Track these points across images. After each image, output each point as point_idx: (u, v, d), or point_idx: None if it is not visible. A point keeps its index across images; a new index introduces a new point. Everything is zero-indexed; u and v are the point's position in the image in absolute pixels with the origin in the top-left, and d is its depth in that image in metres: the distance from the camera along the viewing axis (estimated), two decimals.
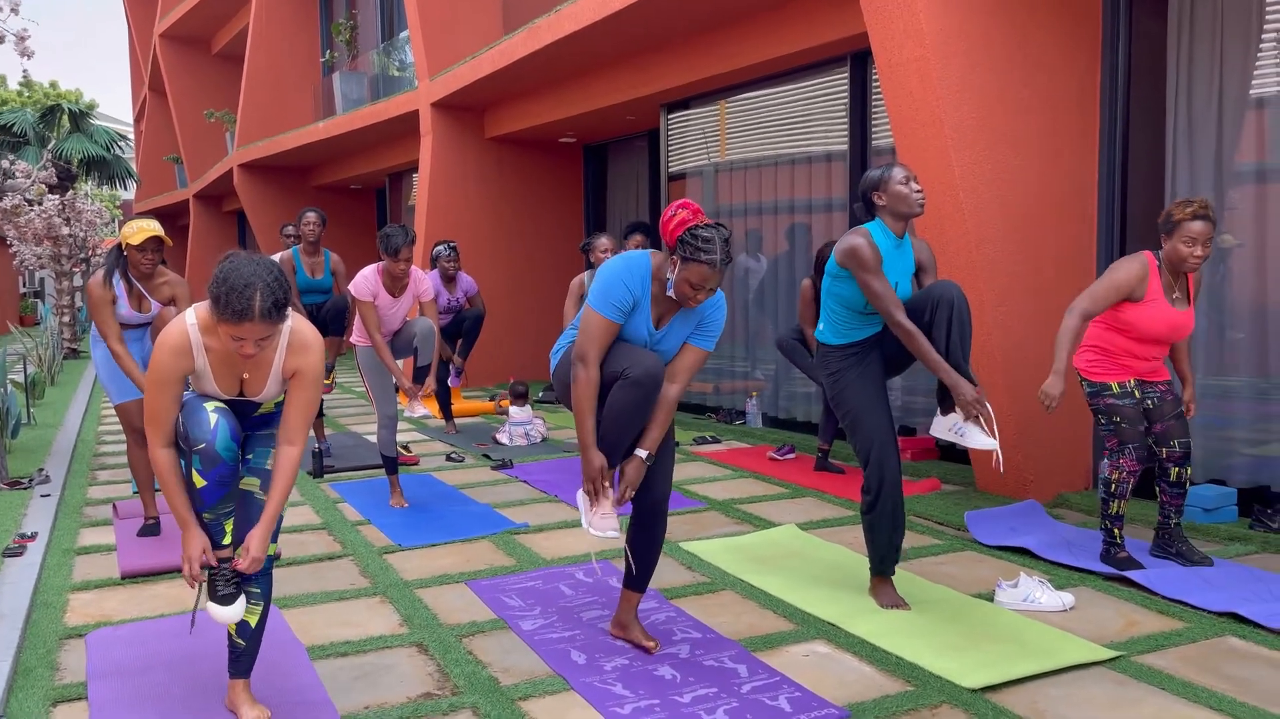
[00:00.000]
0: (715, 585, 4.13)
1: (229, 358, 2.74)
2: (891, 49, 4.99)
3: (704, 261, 3.02)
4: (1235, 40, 4.95)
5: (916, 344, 3.58)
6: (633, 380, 3.10)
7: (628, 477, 3.24)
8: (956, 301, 3.57)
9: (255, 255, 2.64)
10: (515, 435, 7.43)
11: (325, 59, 15.85)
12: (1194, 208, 3.91)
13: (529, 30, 8.38)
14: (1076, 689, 3.08)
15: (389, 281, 5.33)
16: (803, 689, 3.09)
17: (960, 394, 3.55)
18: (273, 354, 2.77)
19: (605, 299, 3.14)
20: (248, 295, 2.52)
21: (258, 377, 2.79)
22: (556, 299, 11.60)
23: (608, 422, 3.18)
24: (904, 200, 3.65)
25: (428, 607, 3.90)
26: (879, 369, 3.82)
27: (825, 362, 3.87)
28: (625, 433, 3.22)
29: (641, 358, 3.12)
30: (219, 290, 2.53)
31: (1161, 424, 4.13)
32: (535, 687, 3.15)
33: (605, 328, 3.15)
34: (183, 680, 3.20)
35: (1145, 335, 4.04)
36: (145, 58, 25.24)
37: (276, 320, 2.59)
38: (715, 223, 3.08)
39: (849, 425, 3.80)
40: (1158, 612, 3.74)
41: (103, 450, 7.56)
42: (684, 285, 3.08)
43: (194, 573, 2.72)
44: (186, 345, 2.69)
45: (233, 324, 2.54)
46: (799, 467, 6.38)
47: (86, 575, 4.36)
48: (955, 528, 4.94)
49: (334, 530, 5.06)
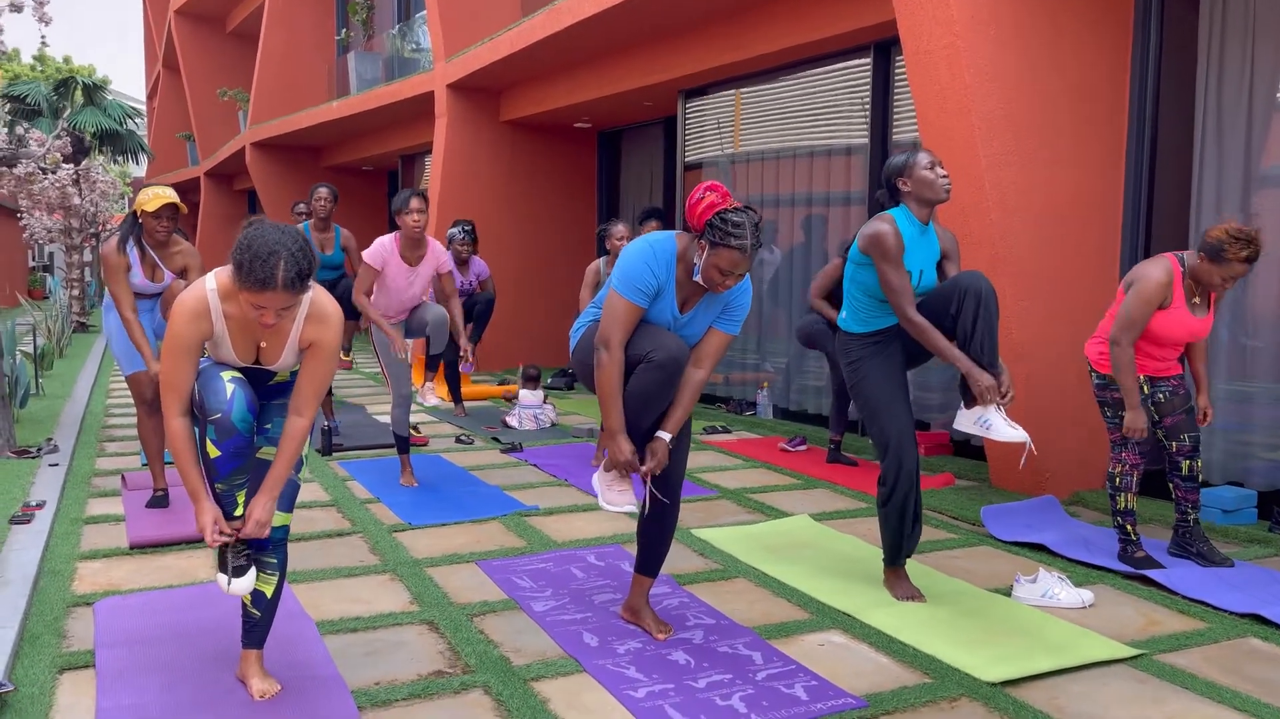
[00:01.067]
0: (728, 572, 4.08)
1: (247, 325, 2.69)
2: (920, 35, 4.92)
3: (734, 247, 2.95)
4: (1267, 33, 4.88)
5: (928, 338, 3.53)
6: (656, 364, 3.05)
7: (657, 456, 3.18)
8: (984, 293, 3.51)
9: (281, 223, 2.59)
10: (525, 419, 7.39)
11: (341, 38, 15.78)
12: (1249, 251, 3.79)
13: (550, 11, 8.31)
14: (1098, 686, 3.03)
15: (405, 249, 5.27)
16: (819, 678, 3.04)
17: (976, 381, 3.49)
18: (291, 323, 2.72)
19: (629, 283, 3.08)
20: (271, 264, 2.47)
21: (275, 345, 2.75)
22: (567, 285, 11.55)
23: (629, 403, 3.13)
24: (930, 186, 3.59)
25: (438, 585, 3.86)
26: (900, 359, 3.76)
27: (846, 349, 3.81)
28: (645, 416, 3.17)
29: (665, 341, 3.07)
30: (243, 257, 2.48)
31: (1171, 418, 4.07)
32: (548, 667, 3.11)
33: (629, 311, 3.09)
34: (192, 651, 3.16)
35: (1162, 339, 3.99)
36: (160, 34, 25.19)
37: (299, 291, 2.54)
38: (745, 206, 3.01)
39: (868, 415, 3.75)
40: (1178, 611, 3.69)
41: (111, 422, 7.53)
42: (712, 270, 3.02)
43: (215, 540, 2.67)
44: (205, 310, 2.64)
45: (255, 292, 2.49)
46: (811, 458, 6.33)
47: (94, 545, 4.33)
48: (970, 523, 4.89)
49: (343, 507, 5.02)
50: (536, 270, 11.49)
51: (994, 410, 3.56)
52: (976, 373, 3.49)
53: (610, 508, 3.23)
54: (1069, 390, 5.20)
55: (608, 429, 3.14)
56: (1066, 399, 5.19)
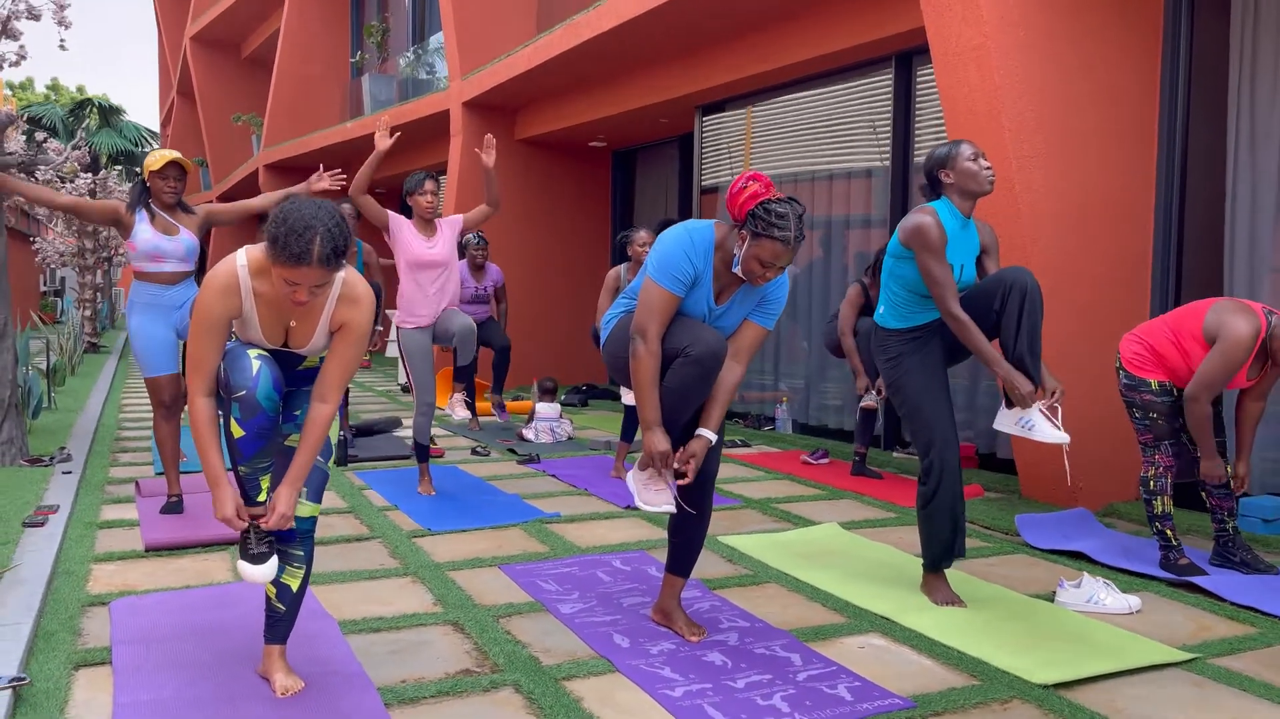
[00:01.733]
0: (758, 578, 3.97)
1: (278, 304, 2.61)
2: (949, 36, 4.87)
3: (777, 238, 2.88)
4: None
5: (970, 335, 3.43)
6: (694, 358, 2.95)
7: (695, 454, 3.08)
8: (1030, 289, 3.42)
9: (318, 199, 2.52)
10: (541, 432, 7.29)
11: (355, 60, 15.86)
12: None
13: (568, 26, 8.31)
14: (1154, 689, 2.91)
15: (420, 227, 5.26)
16: (862, 679, 2.93)
17: (1016, 389, 3.41)
18: (323, 304, 2.64)
19: (666, 270, 2.99)
20: (307, 238, 2.39)
21: (305, 326, 2.66)
22: (582, 302, 11.50)
23: (666, 398, 3.04)
24: (973, 177, 3.51)
25: (461, 588, 3.75)
26: (940, 356, 3.66)
27: (884, 346, 3.72)
28: (683, 412, 3.07)
29: (704, 334, 2.98)
30: (277, 230, 2.41)
31: None
32: (579, 667, 2.99)
33: (666, 300, 3.00)
34: (212, 649, 3.05)
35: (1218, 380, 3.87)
36: (175, 62, 25.41)
37: (334, 268, 2.46)
38: (788, 197, 2.93)
39: (907, 414, 3.65)
40: (1228, 617, 3.56)
41: (124, 435, 7.45)
42: (753, 262, 2.94)
43: (237, 528, 2.58)
44: (235, 286, 2.56)
45: (289, 267, 2.41)
46: (834, 471, 6.22)
47: (109, 548, 4.23)
48: (1003, 532, 4.77)
49: (360, 514, 4.92)
50: (551, 289, 11.44)
51: (1036, 410, 3.47)
52: (1016, 378, 3.40)
53: (647, 508, 3.11)
54: (1099, 398, 5.09)
55: (643, 422, 3.04)
56: (1097, 407, 5.08)
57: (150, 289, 4.68)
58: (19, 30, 5.44)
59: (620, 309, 3.25)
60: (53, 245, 21.61)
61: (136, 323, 4.69)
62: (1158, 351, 4.01)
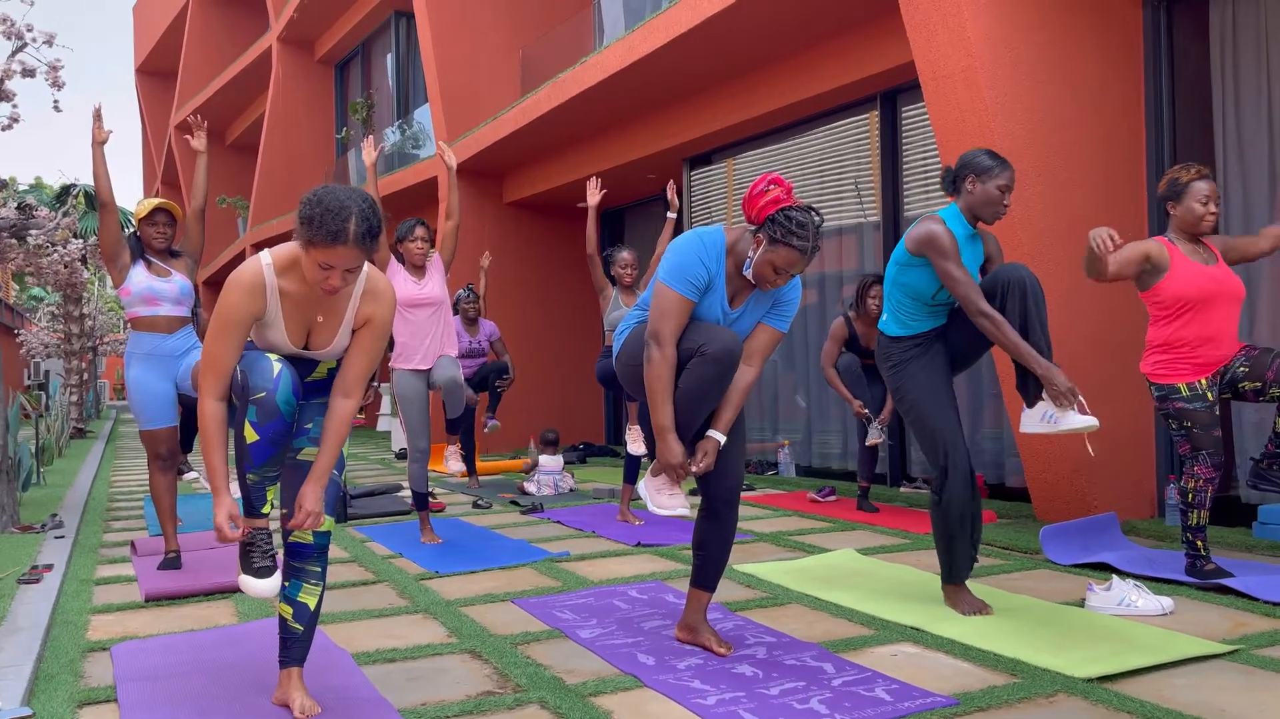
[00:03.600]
0: (780, 599, 3.86)
1: (303, 303, 2.56)
2: (936, 61, 4.95)
3: (795, 247, 2.87)
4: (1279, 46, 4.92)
5: (1003, 332, 3.38)
6: (711, 357, 2.92)
7: (707, 455, 3.02)
8: (1029, 284, 3.40)
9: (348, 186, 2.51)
10: (544, 485, 7.18)
11: (341, 137, 16.04)
12: (1196, 169, 3.94)
13: (554, 85, 8.43)
14: (1202, 679, 2.82)
15: (411, 270, 5.27)
16: (899, 682, 2.82)
17: (1053, 384, 3.35)
18: (347, 300, 2.60)
19: (680, 275, 2.97)
20: (343, 217, 2.37)
21: (330, 324, 2.60)
22: (576, 362, 11.47)
23: (681, 399, 2.99)
24: (991, 204, 3.49)
25: (475, 621, 3.63)
26: (943, 362, 3.63)
27: (887, 354, 3.68)
28: (698, 413, 3.02)
29: (719, 334, 2.94)
30: (313, 211, 2.38)
31: (1273, 369, 3.80)
32: (605, 684, 2.88)
33: (680, 305, 2.97)
34: (223, 683, 2.93)
35: (1191, 299, 3.83)
36: (159, 151, 25.66)
37: (368, 249, 2.44)
38: (808, 206, 2.93)
39: (914, 419, 3.59)
40: (1263, 614, 3.48)
41: (115, 505, 7.30)
42: (766, 267, 2.92)
43: (229, 537, 2.48)
44: (260, 285, 2.50)
45: (325, 247, 2.37)
46: (842, 507, 6.13)
47: (107, 600, 4.09)
48: (1022, 551, 4.68)
49: (364, 563, 4.80)
50: (545, 350, 11.41)
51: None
52: (1056, 375, 3.34)
53: (661, 512, 3.05)
54: (1110, 413, 5.05)
55: (657, 427, 2.99)
56: (1107, 423, 5.02)
57: (149, 340, 4.62)
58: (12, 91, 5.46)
59: (633, 320, 3.22)
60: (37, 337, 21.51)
61: (135, 374, 4.62)
62: (1167, 345, 3.93)
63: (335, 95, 17.05)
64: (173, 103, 23.12)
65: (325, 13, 15.41)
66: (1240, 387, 3.88)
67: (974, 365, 4.33)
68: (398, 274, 5.24)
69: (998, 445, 6.33)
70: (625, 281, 5.81)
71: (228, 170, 22.37)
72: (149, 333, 4.61)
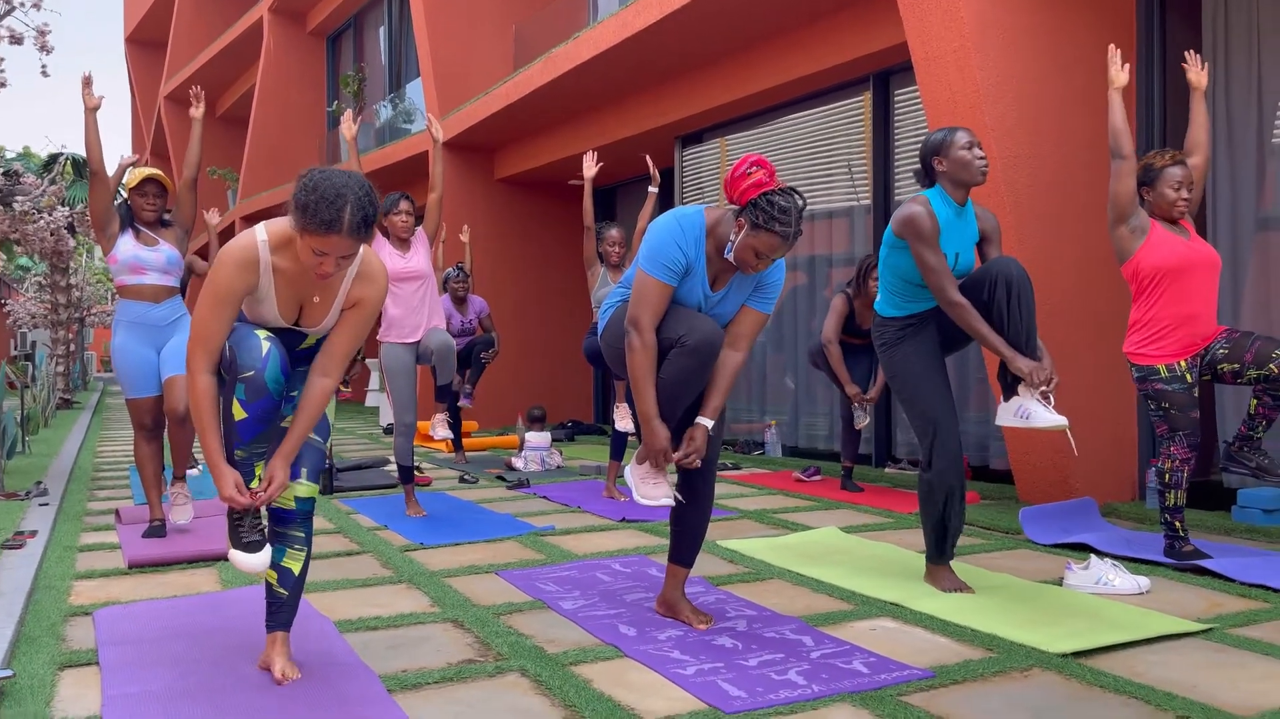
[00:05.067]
0: (761, 574, 3.89)
1: (296, 280, 2.54)
2: (929, 40, 4.94)
3: (777, 232, 2.83)
4: (1272, 36, 4.92)
5: (969, 319, 3.41)
6: (690, 348, 2.90)
7: (695, 443, 3.03)
8: (1015, 277, 3.40)
9: (345, 170, 2.48)
10: (530, 460, 7.19)
11: (332, 109, 15.94)
12: (1171, 155, 4.02)
13: (546, 60, 8.39)
14: (1175, 656, 2.85)
15: (395, 244, 5.27)
16: (877, 655, 2.85)
17: (1016, 365, 3.38)
18: (341, 280, 2.59)
19: (657, 260, 2.94)
20: (339, 205, 2.34)
21: (323, 303, 2.59)
22: (567, 339, 11.46)
23: (663, 391, 2.98)
24: (966, 167, 3.51)
25: (458, 591, 3.65)
26: (936, 343, 3.64)
27: (881, 334, 3.69)
28: (680, 402, 3.02)
29: (699, 323, 2.93)
30: (308, 198, 2.35)
31: (1251, 351, 3.83)
32: (586, 653, 2.90)
33: (659, 291, 2.95)
34: (204, 648, 2.94)
35: (1168, 269, 3.86)
36: (149, 122, 25.44)
37: (363, 236, 2.41)
38: (790, 188, 2.89)
39: (906, 398, 3.61)
40: (1239, 595, 3.52)
41: (101, 475, 7.29)
42: (748, 251, 2.89)
43: (242, 505, 2.49)
44: (254, 261, 2.49)
45: (319, 235, 2.35)
46: (827, 486, 6.16)
47: (90, 566, 4.10)
48: (1003, 531, 4.72)
49: (349, 534, 4.81)
50: (533, 328, 11.40)
51: (1032, 399, 3.45)
52: (1016, 357, 3.37)
53: (646, 502, 3.03)
54: (1093, 396, 5.09)
55: (642, 415, 2.99)
56: (1091, 405, 5.07)
57: (135, 307, 4.60)
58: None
59: (617, 298, 3.21)
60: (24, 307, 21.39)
61: (120, 341, 4.61)
62: (1146, 323, 3.95)
63: (327, 68, 16.93)
64: (162, 73, 22.92)
65: None
66: (1220, 368, 3.91)
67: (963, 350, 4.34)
68: (383, 247, 5.24)
69: (983, 429, 6.36)
70: (612, 260, 5.81)
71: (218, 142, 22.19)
72: (135, 301, 4.60)
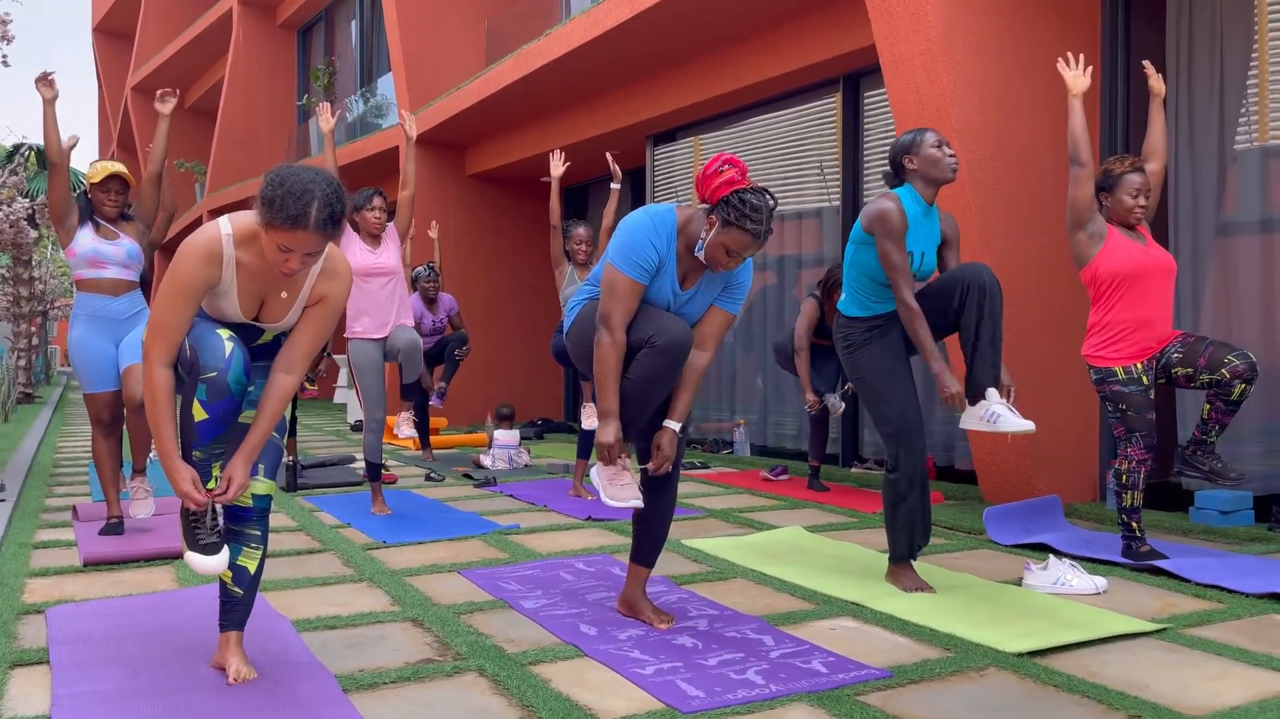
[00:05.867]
0: (725, 574, 3.89)
1: (259, 276, 2.50)
2: (897, 43, 4.96)
3: (749, 230, 2.83)
4: (1234, 55, 4.98)
5: (916, 325, 3.45)
6: (660, 348, 2.89)
7: (663, 450, 3.03)
8: (989, 285, 3.42)
9: (313, 166, 2.44)
10: (499, 459, 7.16)
11: (303, 103, 15.80)
12: (1130, 161, 4.05)
13: (518, 56, 8.36)
14: (1130, 656, 2.88)
15: (366, 240, 5.24)
16: (836, 655, 2.86)
17: (944, 387, 3.45)
18: (305, 276, 2.55)
19: (629, 258, 2.93)
20: (305, 201, 2.30)
21: (288, 299, 2.56)
22: (537, 336, 11.43)
23: (631, 392, 2.97)
24: (936, 164, 3.54)
25: (419, 590, 3.62)
26: (901, 345, 3.65)
27: (846, 335, 3.69)
28: (648, 404, 3.01)
29: (668, 324, 2.92)
30: (274, 193, 2.31)
31: (1204, 356, 3.88)
32: (545, 653, 2.89)
33: (630, 289, 2.94)
34: (157, 648, 2.90)
35: (1125, 274, 3.92)
36: (115, 113, 25.11)
37: (330, 234, 2.37)
38: (762, 188, 2.90)
39: (872, 400, 3.61)
40: (1194, 595, 3.56)
41: (60, 471, 7.18)
42: (718, 250, 2.89)
43: (199, 502, 2.45)
44: (218, 254, 2.44)
45: (284, 231, 2.31)
46: (793, 486, 6.18)
47: (45, 564, 4.03)
48: (966, 531, 4.75)
49: (311, 531, 4.76)
50: (504, 325, 11.36)
51: (999, 404, 3.48)
52: (947, 378, 3.47)
53: (614, 503, 3.01)
54: (1055, 398, 5.14)
55: (602, 411, 2.98)
56: (1053, 407, 5.11)
57: (94, 300, 4.53)
58: None
59: (584, 295, 3.19)
60: None
61: (78, 334, 4.53)
62: (1104, 325, 3.99)
63: (297, 61, 16.78)
64: (130, 64, 22.61)
65: None
66: (1174, 372, 3.96)
67: None
68: (353, 243, 5.20)
69: (948, 429, 6.41)
70: (579, 258, 5.80)
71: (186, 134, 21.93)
72: (94, 294, 4.53)
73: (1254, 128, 4.99)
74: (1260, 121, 4.98)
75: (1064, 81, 4.10)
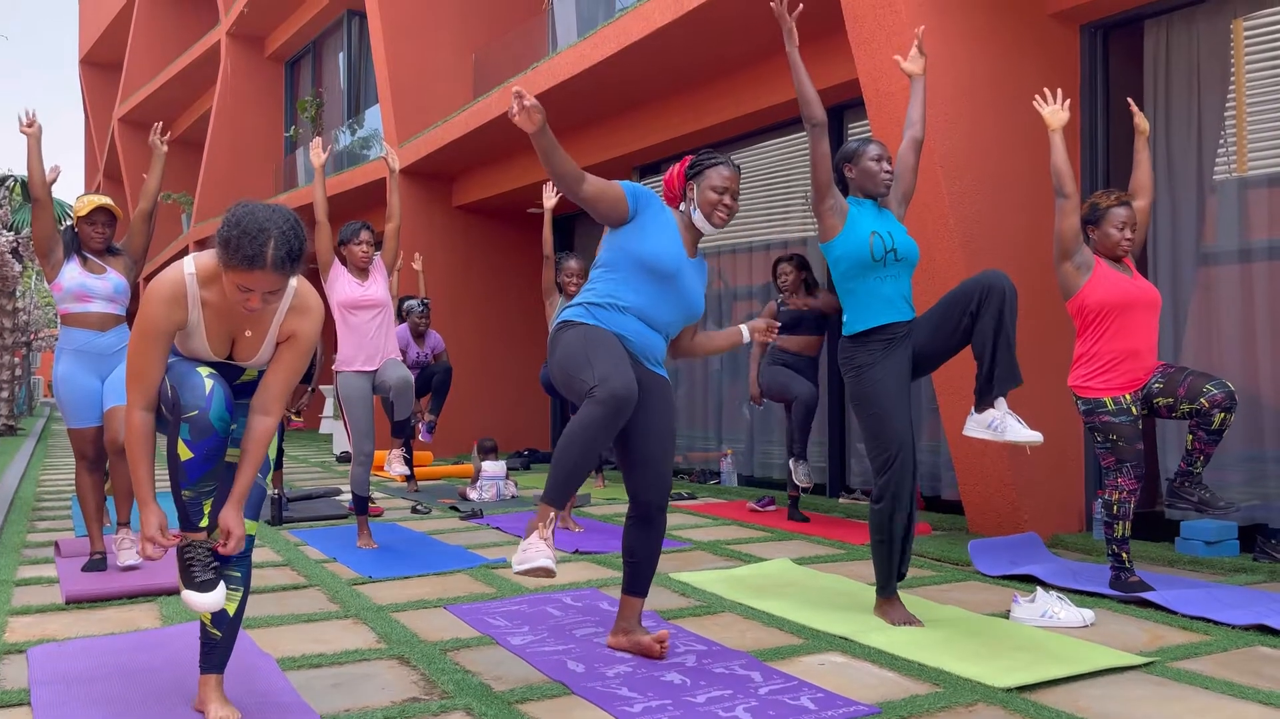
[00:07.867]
0: (713, 608, 3.88)
1: (226, 314, 2.51)
2: (879, 78, 5.02)
3: (718, 163, 3.20)
4: (1211, 89, 5.06)
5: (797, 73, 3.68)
6: (598, 400, 2.82)
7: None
8: (1008, 294, 3.39)
9: (271, 204, 2.45)
10: (485, 490, 7.13)
11: (290, 134, 15.84)
12: (1116, 196, 4.12)
13: (505, 89, 8.41)
14: (1117, 689, 2.88)
15: (354, 272, 5.26)
16: (825, 690, 2.85)
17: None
18: (273, 314, 2.55)
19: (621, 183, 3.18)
20: (261, 241, 2.31)
21: (256, 337, 2.56)
22: (524, 367, 11.43)
23: (565, 449, 2.86)
24: (871, 178, 3.66)
25: (405, 626, 3.60)
26: (907, 367, 3.60)
27: (852, 356, 3.64)
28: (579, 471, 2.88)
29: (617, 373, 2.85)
30: (230, 233, 2.32)
31: (1184, 386, 3.92)
32: (532, 691, 2.87)
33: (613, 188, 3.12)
34: (140, 688, 2.87)
35: (1112, 305, 3.96)
36: (102, 144, 25.12)
37: (289, 272, 2.38)
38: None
39: (871, 427, 3.56)
40: (1181, 628, 3.57)
41: (42, 505, 7.11)
42: (708, 193, 3.19)
43: (151, 554, 2.43)
44: (182, 295, 2.45)
45: (242, 271, 2.32)
46: (781, 517, 6.17)
47: (27, 602, 3.99)
48: (953, 563, 4.75)
49: (297, 566, 4.73)
50: (491, 356, 11.36)
51: (1006, 413, 3.48)
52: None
53: (521, 568, 2.82)
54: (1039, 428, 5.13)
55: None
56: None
57: (80, 336, 4.51)
58: None
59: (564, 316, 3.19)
60: None
61: (64, 369, 4.51)
62: (1090, 356, 4.03)
63: (285, 93, 16.84)
64: (117, 95, 22.64)
65: (276, 9, 15.22)
66: (1155, 402, 4.00)
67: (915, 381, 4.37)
68: (341, 276, 5.20)
69: (935, 459, 6.42)
70: (570, 290, 5.83)
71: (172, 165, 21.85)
72: (80, 328, 4.51)
73: (1232, 159, 5.07)
74: (1238, 152, 5.06)
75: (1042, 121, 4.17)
